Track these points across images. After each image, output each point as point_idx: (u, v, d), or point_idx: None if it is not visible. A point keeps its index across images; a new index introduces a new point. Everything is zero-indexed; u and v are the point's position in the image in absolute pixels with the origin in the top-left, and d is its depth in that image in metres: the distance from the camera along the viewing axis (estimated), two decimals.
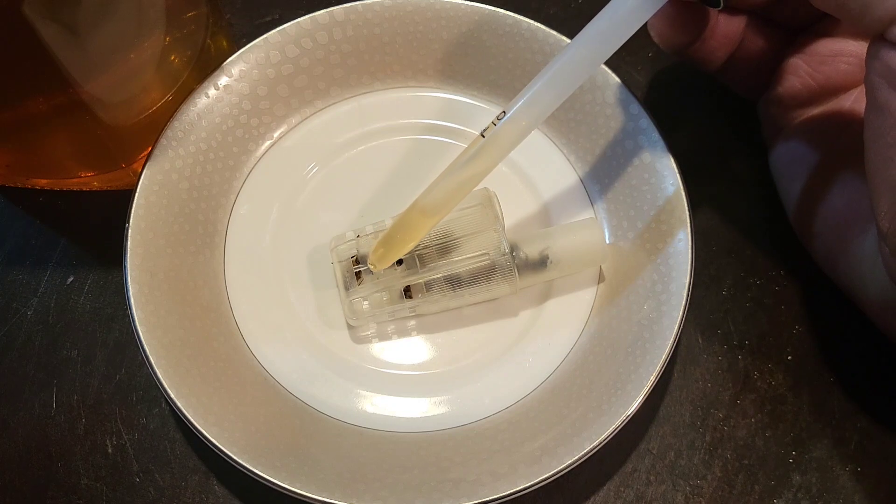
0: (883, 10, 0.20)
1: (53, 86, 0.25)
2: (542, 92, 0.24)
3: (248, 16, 0.35)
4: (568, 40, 0.30)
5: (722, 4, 0.24)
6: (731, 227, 0.31)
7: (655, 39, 0.27)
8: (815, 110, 0.28)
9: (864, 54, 0.25)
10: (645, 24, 0.24)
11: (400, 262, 0.27)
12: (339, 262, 0.27)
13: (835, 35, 0.27)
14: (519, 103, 0.24)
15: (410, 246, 0.26)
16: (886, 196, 0.21)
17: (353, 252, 0.27)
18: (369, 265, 0.27)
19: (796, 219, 0.29)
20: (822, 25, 0.27)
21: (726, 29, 0.27)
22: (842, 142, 0.27)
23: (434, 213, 0.26)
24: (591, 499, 0.27)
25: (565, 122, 0.31)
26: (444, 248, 0.27)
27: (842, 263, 0.27)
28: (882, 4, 0.20)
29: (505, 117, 0.25)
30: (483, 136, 0.25)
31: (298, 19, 0.30)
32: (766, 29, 0.28)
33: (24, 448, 0.28)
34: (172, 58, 0.29)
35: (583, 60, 0.24)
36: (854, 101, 0.27)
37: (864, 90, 0.27)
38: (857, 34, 0.27)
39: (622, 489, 0.27)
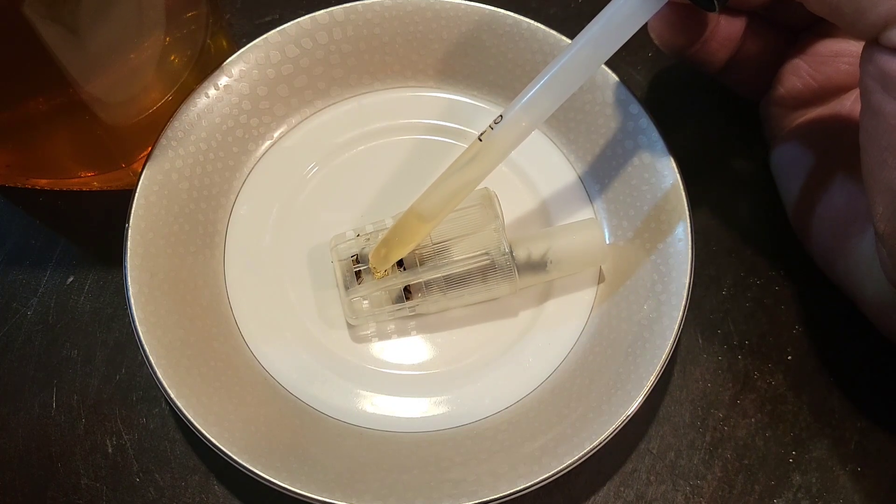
0: (876, 14, 0.20)
1: (53, 86, 0.25)
2: (540, 96, 0.24)
3: (248, 16, 0.35)
4: (568, 40, 0.30)
5: (718, 9, 0.24)
6: (731, 227, 0.31)
7: (656, 42, 0.27)
8: (816, 110, 0.28)
9: None
10: (645, 26, 0.24)
11: (400, 262, 0.27)
12: (339, 261, 0.27)
13: (835, 35, 0.27)
14: (516, 107, 0.24)
15: (409, 249, 0.26)
16: (882, 199, 0.22)
17: (354, 251, 0.27)
18: (370, 267, 0.27)
19: (796, 218, 0.29)
20: (823, 26, 0.27)
21: (727, 30, 0.27)
22: (842, 142, 0.27)
23: (431, 218, 0.26)
24: (591, 499, 0.27)
25: (565, 121, 0.31)
26: (445, 247, 0.27)
27: (840, 263, 0.27)
28: (875, 9, 0.20)
29: (502, 121, 0.25)
30: (480, 140, 0.25)
31: (298, 19, 0.30)
32: (766, 30, 0.28)
33: (24, 448, 0.28)
34: (172, 58, 0.29)
35: (579, 65, 0.24)
36: (854, 101, 0.27)
37: None
38: None
39: (622, 489, 0.27)
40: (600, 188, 0.30)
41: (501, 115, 0.25)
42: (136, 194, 0.27)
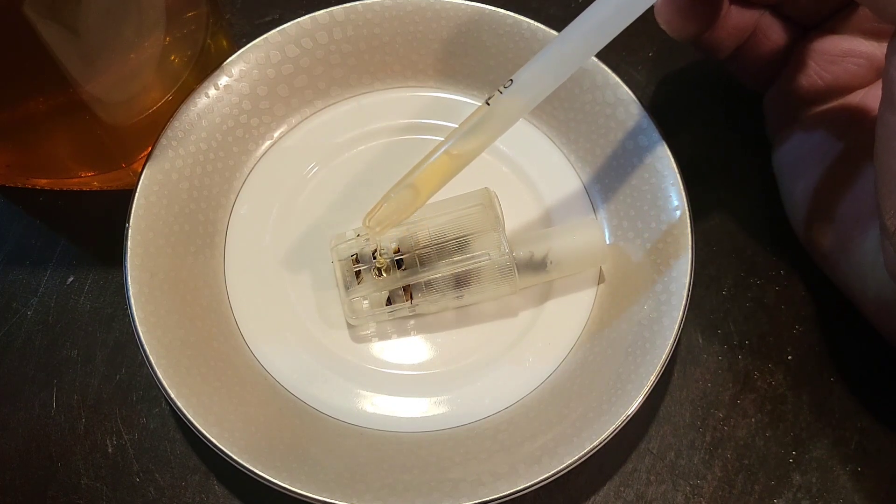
0: None
1: (53, 86, 0.25)
2: (553, 58, 0.24)
3: (248, 16, 0.35)
4: None
5: None
6: (731, 227, 0.31)
7: (663, 27, 0.27)
8: (820, 109, 0.28)
9: (874, 55, 0.24)
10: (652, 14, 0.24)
11: (400, 262, 0.27)
12: (340, 261, 0.27)
13: (846, 34, 0.27)
14: (527, 72, 0.24)
15: (405, 216, 0.26)
16: (895, 194, 0.21)
17: (354, 251, 0.27)
18: (364, 227, 0.26)
19: (797, 217, 0.28)
20: (834, 23, 0.27)
21: (736, 20, 0.27)
22: (846, 141, 0.27)
23: (429, 187, 0.25)
24: (591, 499, 0.27)
25: (566, 122, 0.31)
26: (445, 248, 0.27)
27: (842, 263, 0.27)
28: None
29: (511, 85, 0.24)
30: (488, 105, 0.24)
31: (298, 19, 0.30)
32: (777, 24, 0.28)
33: (24, 448, 0.28)
34: (172, 58, 0.29)
35: (597, 31, 0.23)
36: (860, 100, 0.27)
37: (870, 91, 0.27)
38: (868, 34, 0.27)
39: (622, 489, 0.27)
40: (601, 188, 0.30)
41: (511, 80, 0.24)
42: (136, 194, 0.27)
